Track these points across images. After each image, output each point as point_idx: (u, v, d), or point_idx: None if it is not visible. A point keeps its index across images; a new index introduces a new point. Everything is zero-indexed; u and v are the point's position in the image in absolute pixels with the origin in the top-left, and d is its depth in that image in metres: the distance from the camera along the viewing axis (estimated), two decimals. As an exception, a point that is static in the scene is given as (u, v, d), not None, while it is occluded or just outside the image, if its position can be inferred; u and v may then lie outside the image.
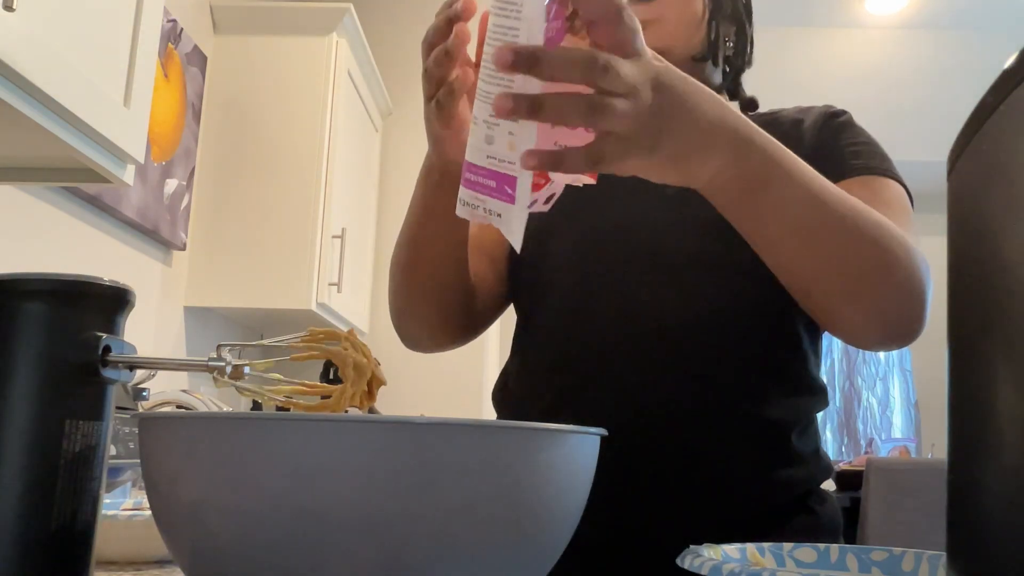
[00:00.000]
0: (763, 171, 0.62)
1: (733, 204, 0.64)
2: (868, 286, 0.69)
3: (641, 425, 0.80)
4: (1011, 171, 0.23)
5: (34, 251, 1.75)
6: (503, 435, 0.44)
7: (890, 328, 0.72)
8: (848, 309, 0.70)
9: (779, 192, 0.63)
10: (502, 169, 0.53)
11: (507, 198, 0.53)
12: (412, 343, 0.93)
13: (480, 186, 0.54)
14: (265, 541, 0.42)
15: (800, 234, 0.66)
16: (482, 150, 0.54)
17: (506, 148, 0.53)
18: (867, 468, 2.66)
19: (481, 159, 0.54)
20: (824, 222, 0.66)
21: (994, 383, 0.24)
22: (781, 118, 0.91)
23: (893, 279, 0.68)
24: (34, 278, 0.51)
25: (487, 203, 0.54)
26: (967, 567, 0.26)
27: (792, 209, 0.64)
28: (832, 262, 0.67)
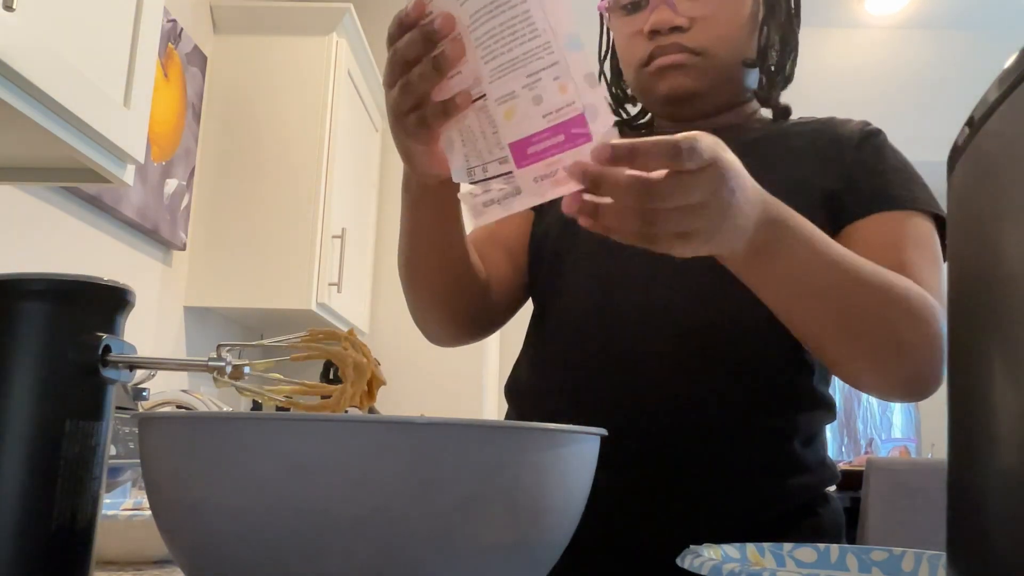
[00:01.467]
0: (776, 240, 0.64)
1: (752, 269, 0.66)
2: (882, 351, 0.71)
3: (649, 429, 0.80)
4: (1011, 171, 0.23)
5: (34, 251, 1.75)
6: (503, 435, 0.44)
7: (905, 388, 0.74)
8: (862, 371, 0.73)
9: (790, 259, 0.65)
10: (565, 116, 0.52)
11: (583, 139, 0.52)
12: (434, 341, 0.94)
13: (549, 149, 0.53)
14: (265, 541, 0.42)
15: (811, 299, 0.68)
16: (531, 116, 0.53)
17: (559, 93, 0.52)
18: (867, 468, 2.66)
19: (536, 125, 0.53)
20: (841, 289, 0.68)
21: (994, 383, 0.24)
22: (822, 127, 0.90)
23: (907, 345, 0.70)
24: (34, 278, 0.51)
25: (564, 159, 0.53)
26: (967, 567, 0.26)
27: (802, 275, 0.67)
28: (844, 328, 0.70)
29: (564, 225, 0.89)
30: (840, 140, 0.87)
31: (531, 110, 0.53)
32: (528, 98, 0.53)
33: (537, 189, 0.55)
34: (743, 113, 0.94)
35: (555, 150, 0.53)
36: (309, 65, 2.58)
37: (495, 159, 0.57)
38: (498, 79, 0.54)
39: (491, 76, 0.54)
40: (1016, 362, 0.22)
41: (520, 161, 0.55)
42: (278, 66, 2.59)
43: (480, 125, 0.57)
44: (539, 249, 0.93)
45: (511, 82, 0.53)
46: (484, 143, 0.57)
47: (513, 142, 0.55)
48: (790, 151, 0.87)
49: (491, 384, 3.31)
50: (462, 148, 0.60)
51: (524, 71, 0.53)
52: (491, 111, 0.55)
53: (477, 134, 0.58)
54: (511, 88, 0.54)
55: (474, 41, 0.55)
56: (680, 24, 0.86)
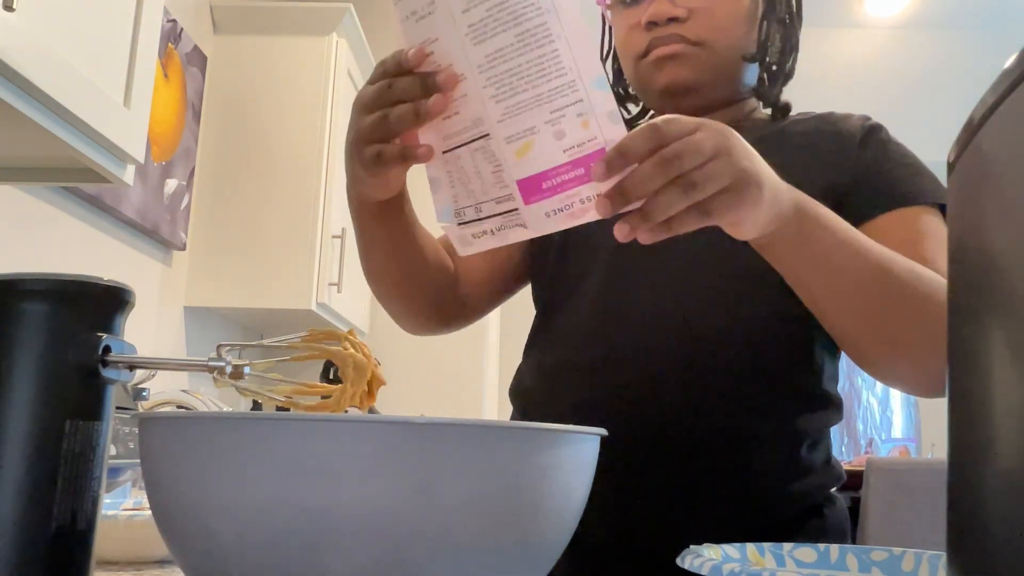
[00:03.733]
0: (810, 228, 0.65)
1: (782, 253, 0.67)
2: (911, 342, 0.71)
3: (656, 432, 0.79)
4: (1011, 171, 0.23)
5: (34, 251, 1.75)
6: (503, 435, 0.44)
7: (930, 379, 0.73)
8: (895, 365, 0.73)
9: (825, 248, 0.66)
10: (587, 150, 0.53)
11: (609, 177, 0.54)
12: (405, 329, 0.97)
13: (566, 183, 0.54)
14: (265, 541, 0.42)
15: (848, 290, 0.69)
16: (550, 152, 0.54)
17: (581, 129, 0.53)
18: (867, 468, 2.66)
19: (556, 159, 0.54)
20: (865, 275, 0.68)
21: (994, 383, 0.24)
22: (823, 122, 0.90)
23: (935, 333, 0.70)
24: (34, 278, 0.51)
25: (581, 192, 0.54)
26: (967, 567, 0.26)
27: (839, 265, 0.67)
28: (880, 320, 0.70)
29: (566, 233, 0.89)
30: (842, 137, 0.87)
31: (551, 145, 0.54)
32: (549, 133, 0.54)
33: (547, 223, 0.56)
34: (742, 110, 0.93)
35: (573, 183, 0.54)
36: (309, 65, 2.58)
37: (491, 199, 0.57)
38: (513, 116, 0.54)
39: (504, 114, 0.55)
40: (1016, 362, 0.22)
41: (530, 196, 0.55)
42: (278, 66, 2.59)
43: (476, 165, 0.57)
44: (543, 254, 0.92)
45: (531, 119, 0.54)
46: (479, 183, 0.57)
47: (524, 178, 0.55)
48: (791, 149, 0.87)
49: (491, 384, 3.31)
50: (450, 189, 0.60)
51: (549, 107, 0.54)
52: (495, 150, 0.56)
53: (471, 175, 0.58)
54: (531, 124, 0.54)
55: (486, 80, 0.55)
56: (678, 15, 0.86)
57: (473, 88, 0.56)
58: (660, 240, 0.57)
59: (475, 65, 0.55)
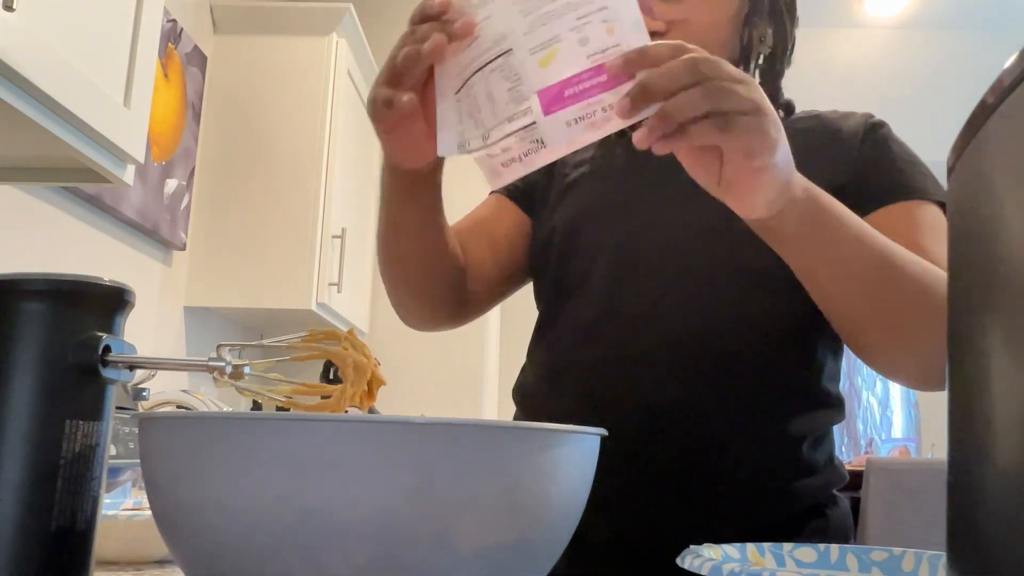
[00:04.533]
0: (818, 215, 0.65)
1: (788, 240, 0.66)
2: (912, 333, 0.71)
3: (658, 431, 0.79)
4: (1011, 171, 0.23)
5: (34, 251, 1.75)
6: (503, 435, 0.44)
7: (932, 373, 0.73)
8: (895, 353, 0.73)
9: (832, 237, 0.66)
10: (611, 56, 0.54)
11: (628, 77, 0.54)
12: (409, 324, 0.95)
13: (589, 90, 0.54)
14: (265, 541, 0.42)
15: (849, 277, 0.69)
16: (575, 58, 0.54)
17: (606, 35, 0.54)
18: (867, 468, 2.66)
19: (580, 65, 0.54)
20: (871, 265, 0.68)
21: (994, 383, 0.24)
22: (826, 121, 0.89)
23: (937, 327, 0.70)
24: (34, 278, 0.51)
25: (603, 99, 0.54)
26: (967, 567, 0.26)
27: (843, 253, 0.67)
28: (880, 308, 0.70)
29: (569, 231, 0.89)
30: (844, 134, 0.87)
31: (575, 51, 0.55)
32: (574, 40, 0.55)
33: (568, 134, 0.55)
34: None
35: (596, 90, 0.54)
36: (309, 65, 2.58)
37: (502, 119, 0.57)
38: (540, 27, 0.55)
39: (531, 26, 0.56)
40: (1016, 362, 0.22)
41: (551, 106, 0.55)
42: (278, 66, 2.58)
43: (488, 89, 0.58)
44: (544, 255, 0.92)
45: (557, 27, 0.55)
46: (490, 108, 0.58)
47: (545, 88, 0.55)
48: (792, 147, 0.87)
49: (491, 384, 3.31)
50: (457, 125, 0.60)
51: (575, 14, 0.55)
52: (517, 65, 0.56)
53: (482, 102, 0.58)
54: (556, 32, 0.55)
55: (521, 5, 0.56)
56: (656, 29, 0.84)
57: (501, 6, 0.57)
58: (673, 148, 0.56)
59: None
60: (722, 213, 0.81)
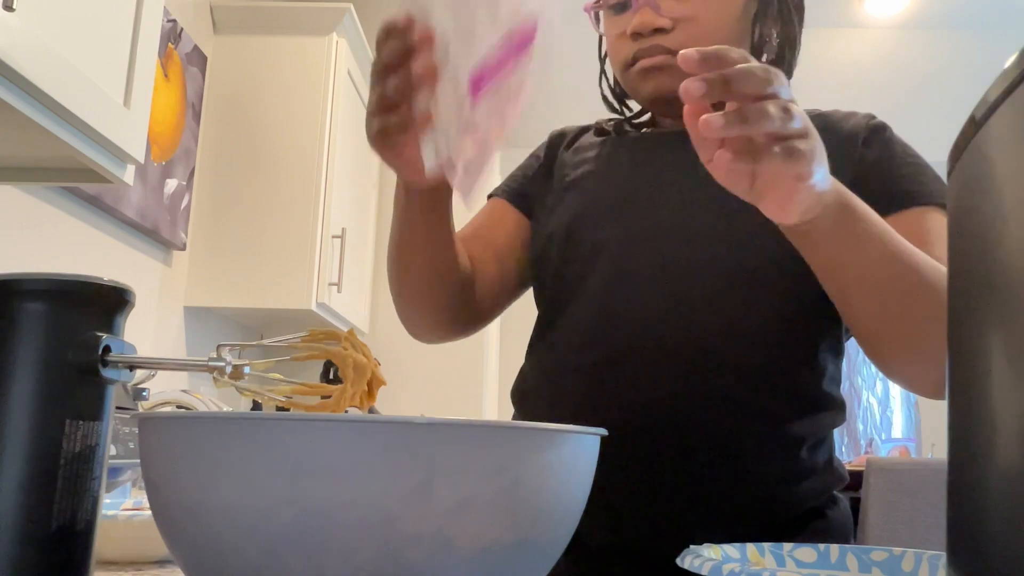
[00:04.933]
0: (849, 213, 0.65)
1: (816, 241, 0.66)
2: (930, 340, 0.70)
3: (659, 434, 0.79)
4: (1011, 171, 0.23)
5: (34, 251, 1.75)
6: (503, 435, 0.44)
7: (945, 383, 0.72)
8: (913, 364, 0.73)
9: (858, 238, 0.66)
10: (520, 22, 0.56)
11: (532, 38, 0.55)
12: (417, 337, 0.95)
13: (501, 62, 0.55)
14: (265, 541, 0.42)
15: (872, 281, 0.68)
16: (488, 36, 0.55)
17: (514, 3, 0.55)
18: (867, 468, 2.66)
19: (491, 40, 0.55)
20: (894, 273, 0.68)
21: (994, 383, 0.24)
22: (828, 121, 0.89)
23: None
24: (34, 278, 0.51)
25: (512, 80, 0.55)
26: (967, 567, 0.26)
27: (867, 256, 0.67)
28: (900, 313, 0.70)
29: (568, 232, 0.89)
30: (846, 135, 0.86)
31: (488, 29, 0.55)
32: (487, 16, 0.55)
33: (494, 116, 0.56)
34: None
35: (508, 57, 0.55)
36: (309, 65, 2.58)
37: (456, 116, 0.57)
38: (464, 20, 0.56)
39: (455, 17, 0.57)
40: (1016, 362, 0.22)
41: (475, 90, 0.56)
42: (278, 66, 2.59)
43: (446, 95, 0.58)
44: (543, 256, 0.92)
45: (477, 14, 0.55)
46: (446, 110, 0.58)
47: (471, 76, 0.56)
48: None
49: (491, 384, 3.31)
50: (433, 135, 0.60)
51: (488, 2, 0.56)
52: (454, 63, 0.57)
53: (442, 106, 0.58)
54: (476, 20, 0.55)
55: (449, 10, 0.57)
56: (663, 26, 0.84)
57: (438, 8, 0.58)
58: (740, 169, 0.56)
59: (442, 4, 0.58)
60: (722, 216, 0.81)
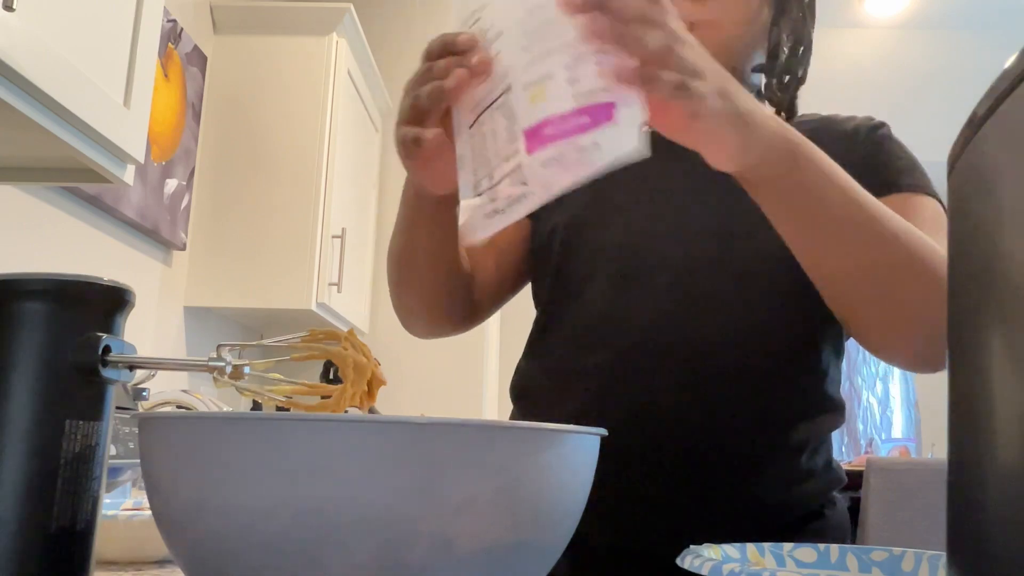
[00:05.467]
0: (803, 158, 0.62)
1: (771, 189, 0.64)
2: (905, 297, 0.68)
3: (658, 436, 0.79)
4: (1011, 172, 0.23)
5: (34, 251, 1.75)
6: (503, 435, 0.44)
7: (930, 350, 0.70)
8: (884, 321, 0.70)
9: (814, 183, 0.63)
10: (597, 99, 0.53)
11: (607, 119, 0.53)
12: (414, 333, 0.96)
13: (568, 131, 0.53)
14: (265, 541, 0.42)
15: (834, 230, 0.65)
16: (562, 96, 0.54)
17: (595, 78, 0.53)
18: (867, 468, 2.66)
19: (564, 105, 0.54)
20: (861, 224, 0.65)
21: (994, 383, 0.24)
22: (828, 124, 0.89)
23: (932, 293, 0.67)
24: (34, 278, 0.51)
25: (578, 141, 0.53)
26: (967, 567, 0.26)
27: (827, 203, 0.64)
28: (866, 266, 0.67)
29: (570, 230, 0.89)
30: (846, 137, 0.86)
31: (563, 90, 0.54)
32: (564, 78, 0.54)
33: (543, 175, 0.54)
34: None
35: (574, 131, 0.53)
36: (309, 65, 2.58)
37: (503, 157, 0.56)
38: (537, 63, 0.55)
39: (530, 62, 0.55)
40: (1016, 362, 0.22)
41: (533, 144, 0.54)
42: (278, 66, 2.59)
43: (494, 126, 0.57)
44: (544, 253, 0.92)
45: (552, 64, 0.54)
46: (493, 145, 0.57)
47: (530, 126, 0.55)
48: None
49: (491, 384, 3.31)
50: (471, 162, 0.59)
51: (570, 52, 0.54)
52: (514, 101, 0.56)
53: (488, 138, 0.58)
54: (550, 69, 0.54)
55: (521, 32, 0.56)
56: None
57: (509, 43, 0.57)
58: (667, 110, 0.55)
59: (515, 19, 0.57)
60: (724, 216, 0.81)
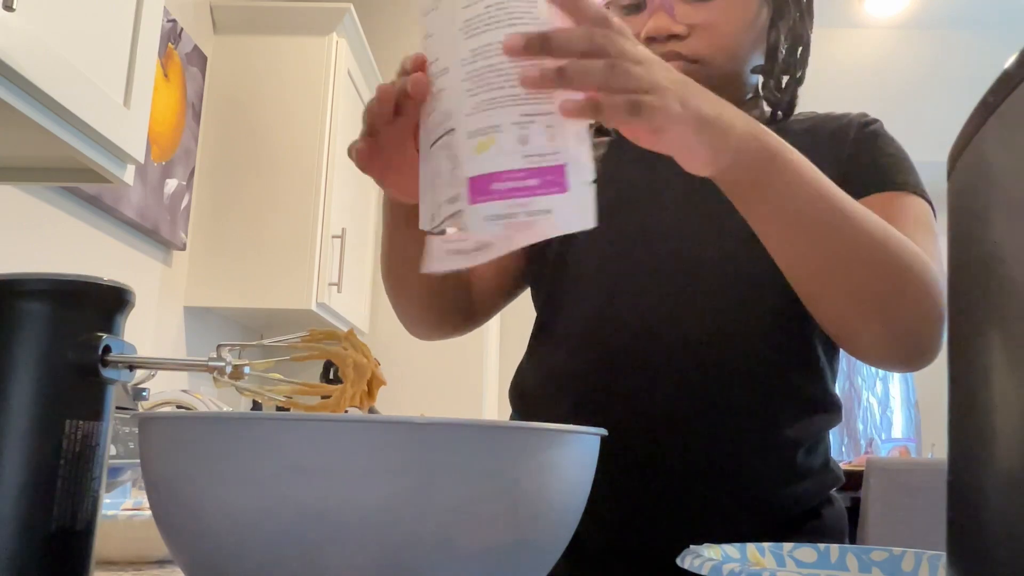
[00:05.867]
0: (776, 158, 0.62)
1: (746, 190, 0.64)
2: (879, 296, 0.67)
3: (655, 435, 0.79)
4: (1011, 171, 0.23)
5: (34, 251, 1.75)
6: (503, 435, 0.44)
7: (903, 346, 0.70)
8: (859, 319, 0.70)
9: (788, 183, 0.63)
10: (548, 162, 0.52)
11: (557, 188, 0.52)
12: (416, 335, 0.96)
13: (516, 191, 0.52)
14: (265, 541, 0.42)
15: (808, 230, 0.65)
16: (510, 153, 0.53)
17: (548, 140, 0.52)
18: (867, 468, 2.66)
19: (513, 163, 0.52)
20: (833, 222, 0.65)
21: (994, 383, 0.24)
22: (822, 122, 0.89)
23: (906, 292, 0.67)
24: (34, 278, 0.51)
25: (530, 204, 0.52)
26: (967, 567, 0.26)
27: (801, 204, 0.64)
28: (841, 266, 0.67)
29: (565, 236, 0.89)
30: (838, 135, 0.86)
31: (513, 147, 0.53)
32: (514, 135, 0.53)
33: (486, 227, 0.53)
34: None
35: (523, 193, 0.52)
36: (309, 65, 2.58)
37: (446, 198, 0.55)
38: (483, 111, 0.53)
39: (474, 108, 0.54)
40: (1017, 362, 0.22)
41: (476, 196, 0.53)
42: (278, 66, 2.59)
43: (439, 164, 0.56)
44: (541, 256, 0.92)
45: (499, 117, 0.53)
46: (439, 183, 0.56)
47: (476, 176, 0.53)
48: None
49: (491, 384, 3.31)
50: (426, 192, 0.59)
51: (520, 109, 0.53)
52: (456, 146, 0.54)
53: (435, 175, 0.56)
54: (497, 122, 0.53)
55: (466, 73, 0.54)
56: (678, 32, 0.83)
57: (453, 81, 0.56)
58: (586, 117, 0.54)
59: (459, 59, 0.55)
60: (720, 217, 0.81)
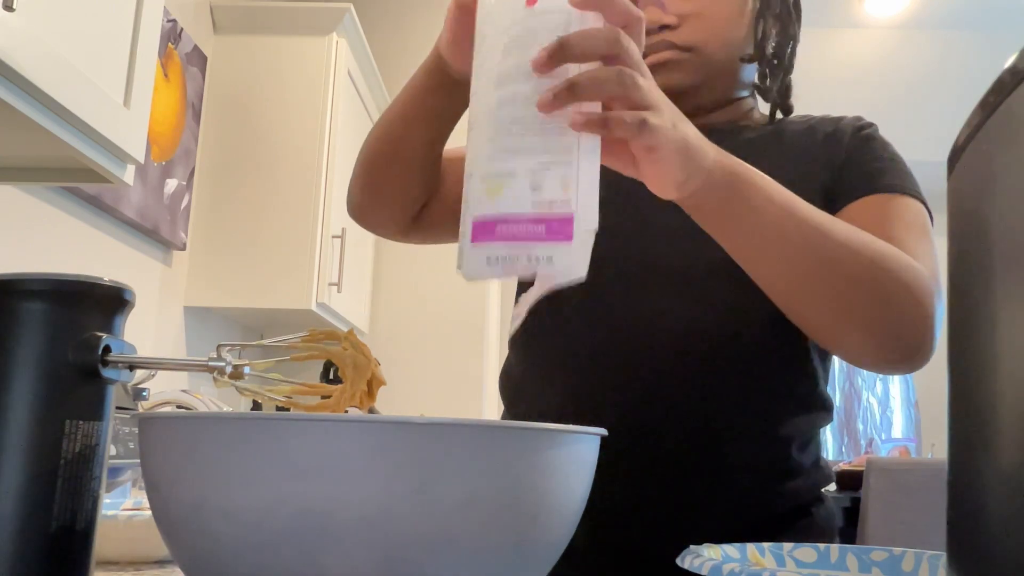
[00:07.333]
0: (742, 184, 0.63)
1: (711, 214, 0.64)
2: (859, 305, 0.68)
3: (644, 433, 0.79)
4: (1011, 171, 0.23)
5: (34, 251, 1.75)
6: (503, 435, 0.44)
7: (890, 351, 0.70)
8: (843, 330, 0.70)
9: (754, 207, 0.64)
10: (556, 211, 0.52)
11: (563, 237, 0.52)
12: (358, 220, 0.93)
13: (522, 235, 0.53)
14: (265, 541, 0.42)
15: (780, 250, 0.66)
16: (520, 199, 0.53)
17: (560, 190, 0.52)
18: (867, 468, 2.66)
19: (522, 208, 0.53)
20: (807, 241, 0.65)
21: (994, 383, 0.24)
22: (817, 125, 0.89)
23: (889, 300, 0.67)
24: (34, 278, 0.51)
25: (532, 250, 0.53)
26: (967, 567, 0.26)
27: (769, 225, 0.64)
28: (817, 281, 0.67)
29: None
30: (834, 136, 0.87)
31: (524, 193, 0.53)
32: (527, 182, 0.53)
33: (483, 270, 0.53)
34: (739, 110, 0.93)
35: (528, 238, 0.53)
36: (309, 65, 2.58)
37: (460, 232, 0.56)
38: (500, 158, 0.54)
39: (491, 154, 0.54)
40: (1016, 362, 0.22)
41: (479, 236, 0.53)
42: (278, 66, 2.59)
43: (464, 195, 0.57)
44: None
45: (514, 162, 0.53)
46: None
47: (480, 218, 0.54)
48: (786, 150, 0.87)
49: (491, 384, 3.31)
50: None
51: (536, 159, 0.53)
52: (469, 189, 0.55)
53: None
54: (511, 167, 0.53)
55: (487, 123, 0.55)
56: (669, 22, 0.85)
57: (476, 132, 0.56)
58: (593, 131, 0.54)
59: (486, 109, 0.56)
60: None
